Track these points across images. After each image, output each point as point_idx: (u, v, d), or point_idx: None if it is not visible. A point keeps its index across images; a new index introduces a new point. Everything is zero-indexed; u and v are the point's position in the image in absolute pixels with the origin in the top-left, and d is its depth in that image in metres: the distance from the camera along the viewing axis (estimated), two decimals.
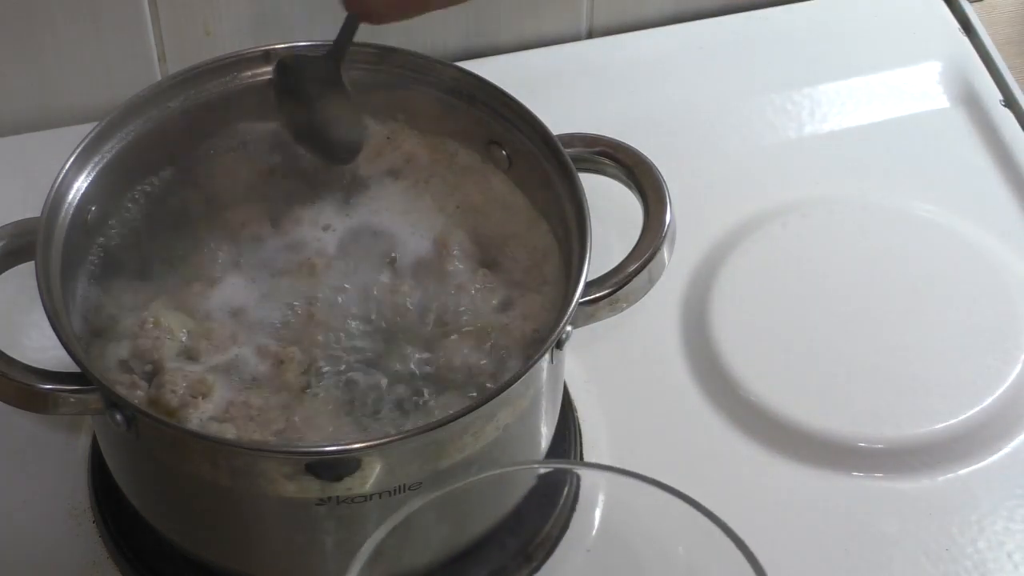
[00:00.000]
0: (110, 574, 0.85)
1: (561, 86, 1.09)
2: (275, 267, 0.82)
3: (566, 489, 0.88)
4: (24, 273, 0.78)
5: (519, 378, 0.73)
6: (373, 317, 0.80)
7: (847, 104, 1.11)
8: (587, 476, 0.89)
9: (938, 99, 1.11)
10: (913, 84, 1.12)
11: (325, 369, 0.78)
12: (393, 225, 0.84)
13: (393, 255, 0.82)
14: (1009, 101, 1.10)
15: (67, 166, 0.80)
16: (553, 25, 1.13)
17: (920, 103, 1.11)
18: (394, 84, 0.86)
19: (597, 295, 0.78)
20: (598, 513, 0.88)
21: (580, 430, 0.91)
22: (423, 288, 0.81)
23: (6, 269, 0.79)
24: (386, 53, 0.86)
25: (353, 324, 0.80)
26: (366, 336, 0.79)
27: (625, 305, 0.80)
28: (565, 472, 0.88)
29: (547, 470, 0.80)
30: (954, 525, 0.87)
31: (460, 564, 0.83)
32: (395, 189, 0.85)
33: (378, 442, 0.72)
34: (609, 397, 0.94)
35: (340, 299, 0.80)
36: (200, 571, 0.83)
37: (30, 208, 0.79)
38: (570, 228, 0.80)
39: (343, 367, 0.78)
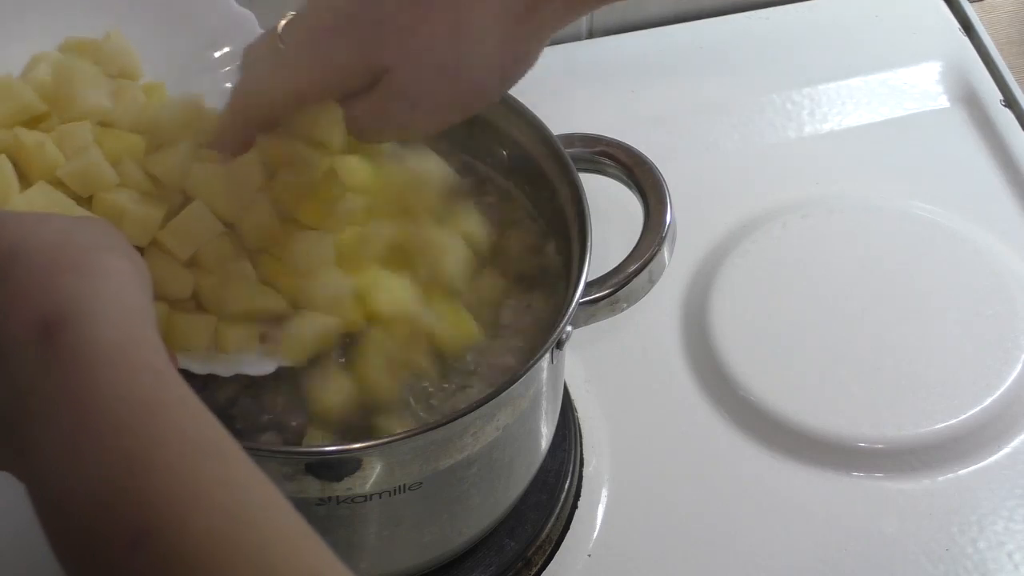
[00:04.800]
0: None
1: (561, 86, 1.09)
2: None
3: (567, 486, 0.88)
4: None
5: (519, 378, 0.73)
6: None
7: (847, 104, 1.11)
8: (589, 471, 0.90)
9: (938, 99, 1.11)
10: (913, 84, 1.12)
11: None
12: None
13: None
14: (1009, 101, 1.10)
15: None
16: None
17: (920, 103, 1.11)
18: None
19: (597, 295, 0.78)
20: (600, 511, 0.88)
21: (580, 430, 0.91)
22: None
23: None
24: None
25: None
26: None
27: (625, 305, 0.80)
28: (566, 466, 0.88)
29: None
30: (954, 525, 0.87)
31: (457, 568, 0.83)
32: None
33: (378, 442, 0.72)
34: (609, 397, 0.94)
35: None
36: None
37: None
38: (570, 228, 0.80)
39: None
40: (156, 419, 0.53)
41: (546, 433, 0.83)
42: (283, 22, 0.74)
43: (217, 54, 0.81)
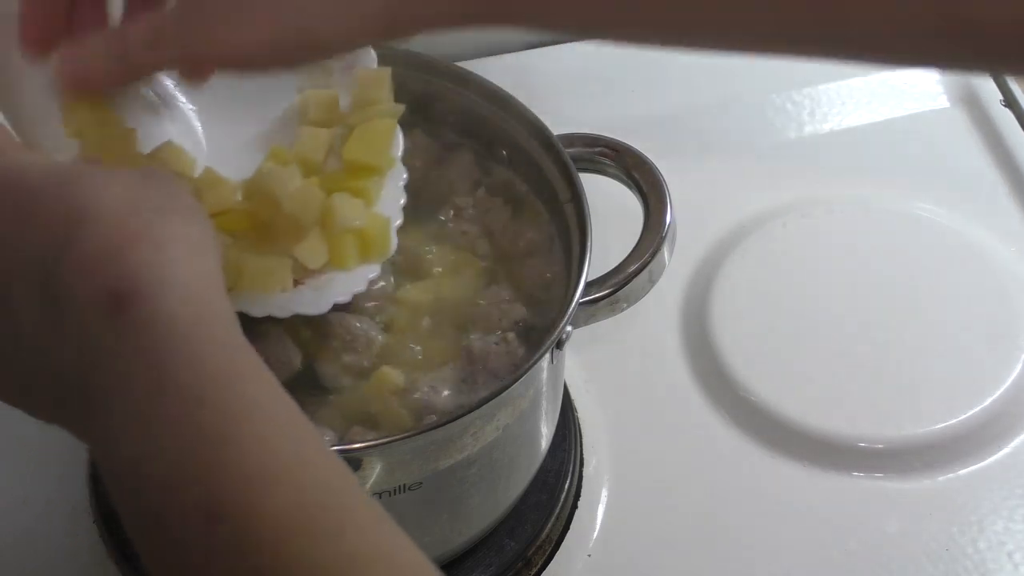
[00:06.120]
0: (110, 574, 0.85)
1: (561, 86, 1.09)
2: None
3: (567, 486, 0.88)
4: None
5: (519, 378, 0.73)
6: None
7: (847, 104, 1.11)
8: (589, 471, 0.90)
9: (938, 99, 1.11)
10: (913, 84, 1.12)
11: None
12: None
13: None
14: (1009, 101, 1.10)
15: None
16: None
17: (920, 103, 1.11)
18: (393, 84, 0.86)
19: (597, 295, 0.78)
20: (600, 511, 0.88)
21: (580, 430, 0.91)
22: None
23: None
24: (385, 53, 0.85)
25: None
26: None
27: (625, 305, 0.80)
28: (566, 466, 0.88)
29: None
30: (954, 525, 0.87)
31: (457, 568, 0.83)
32: None
33: (378, 442, 0.72)
34: (609, 397, 0.94)
35: None
36: None
37: None
38: (570, 228, 0.80)
39: None
40: (231, 393, 0.52)
41: (546, 433, 0.83)
42: None
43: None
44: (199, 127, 0.78)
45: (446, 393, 0.76)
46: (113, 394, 0.53)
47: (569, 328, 0.75)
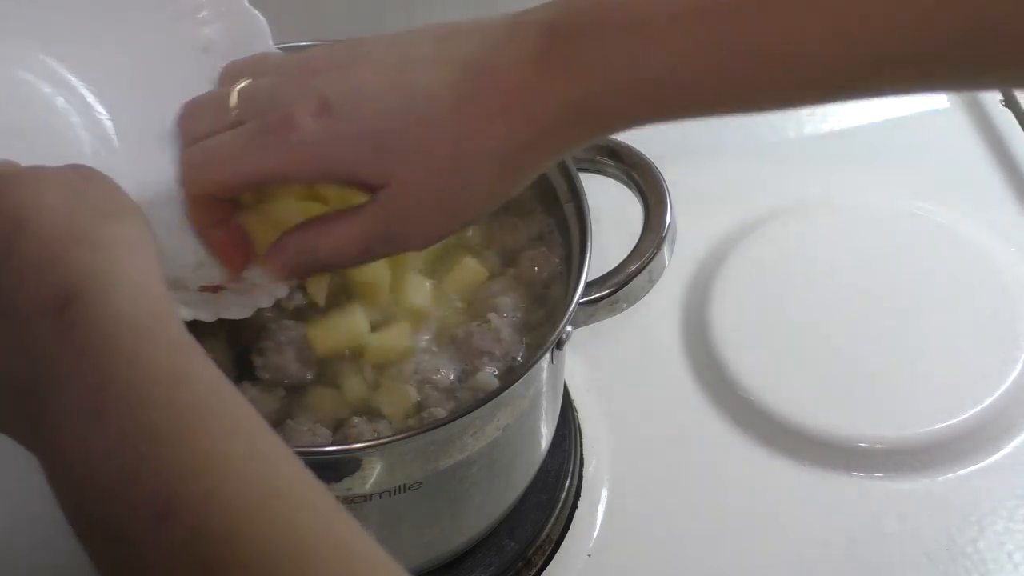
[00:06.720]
0: None
1: None
2: None
3: (567, 486, 0.88)
4: None
5: (519, 378, 0.73)
6: None
7: (847, 104, 1.10)
8: (589, 471, 0.90)
9: (938, 99, 1.11)
10: None
11: None
12: None
13: None
14: (1009, 101, 1.10)
15: None
16: None
17: (920, 103, 1.11)
18: None
19: (597, 295, 0.78)
20: (600, 511, 0.88)
21: (580, 430, 0.91)
22: None
23: None
24: None
25: None
26: None
27: (625, 305, 0.80)
28: (566, 466, 0.88)
29: None
30: (954, 525, 0.87)
31: (457, 568, 0.83)
32: None
33: (378, 442, 0.72)
34: (609, 397, 0.94)
35: None
36: None
37: None
38: (570, 228, 0.80)
39: None
40: (178, 390, 0.53)
41: (546, 433, 0.83)
42: (236, 89, 0.69)
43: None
44: (105, 115, 0.74)
45: (451, 377, 0.76)
46: (58, 394, 0.53)
47: (569, 328, 0.75)
